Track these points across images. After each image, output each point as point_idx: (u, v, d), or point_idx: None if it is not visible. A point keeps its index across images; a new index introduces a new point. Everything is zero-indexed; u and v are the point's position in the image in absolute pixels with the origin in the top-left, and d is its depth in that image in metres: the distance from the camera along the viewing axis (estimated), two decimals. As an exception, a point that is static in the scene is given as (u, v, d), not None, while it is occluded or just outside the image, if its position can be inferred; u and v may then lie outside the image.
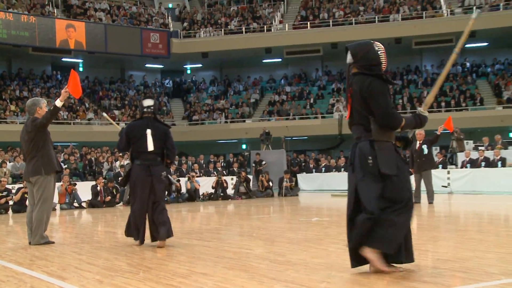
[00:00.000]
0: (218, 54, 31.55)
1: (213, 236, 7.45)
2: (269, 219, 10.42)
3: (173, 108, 32.89)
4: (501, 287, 3.76)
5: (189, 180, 18.06)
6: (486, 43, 30.39)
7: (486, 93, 28.86)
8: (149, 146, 6.46)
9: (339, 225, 8.49)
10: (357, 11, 30.73)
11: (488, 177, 16.85)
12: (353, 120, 4.43)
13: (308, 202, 16.32)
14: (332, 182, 21.83)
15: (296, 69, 34.11)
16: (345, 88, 4.51)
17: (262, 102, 32.40)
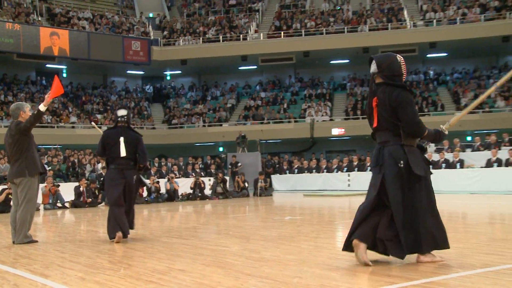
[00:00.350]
0: (197, 61, 31.45)
1: (191, 234, 7.41)
2: (245, 218, 10.41)
3: (154, 112, 32.66)
4: (460, 280, 3.81)
5: (168, 181, 17.95)
6: (446, 53, 30.93)
7: (446, 99, 29.33)
8: (122, 152, 6.83)
9: (311, 223, 8.52)
10: (328, 22, 30.94)
11: (448, 178, 17.09)
12: (381, 126, 4.54)
13: (282, 201, 16.34)
14: (304, 183, 21.93)
15: (270, 76, 34.18)
16: (369, 96, 4.68)
17: (238, 107, 32.39)
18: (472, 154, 18.60)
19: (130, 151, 6.89)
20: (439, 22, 28.81)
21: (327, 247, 5.70)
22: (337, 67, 33.35)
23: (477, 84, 29.25)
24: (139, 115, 30.83)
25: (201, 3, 35.94)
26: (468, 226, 7.47)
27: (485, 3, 29.25)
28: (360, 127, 27.72)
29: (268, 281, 3.98)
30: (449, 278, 3.88)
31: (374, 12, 31.05)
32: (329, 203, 13.99)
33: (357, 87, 31.21)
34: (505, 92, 27.58)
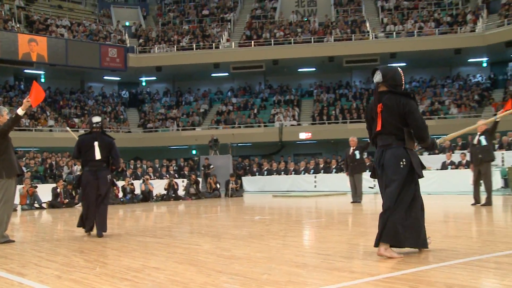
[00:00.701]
0: (171, 68, 31.25)
1: (165, 234, 7.34)
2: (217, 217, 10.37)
3: (129, 116, 32.29)
4: (417, 274, 3.87)
5: (143, 182, 17.76)
6: (405, 63, 31.46)
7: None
8: (96, 156, 7.21)
9: (279, 222, 8.54)
10: (295, 32, 31.14)
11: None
12: (384, 130, 4.74)
13: (252, 202, 16.35)
14: (273, 184, 21.99)
15: (241, 83, 34.20)
16: (374, 103, 4.82)
17: (210, 112, 32.29)
18: (429, 157, 18.93)
19: (103, 154, 7.26)
20: (398, 34, 29.33)
21: (295, 245, 5.72)
22: (304, 75, 33.59)
23: (433, 92, 29.88)
24: (115, 119, 30.44)
25: (176, 13, 35.74)
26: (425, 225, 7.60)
27: (439, 18, 29.97)
28: (326, 131, 27.98)
29: (239, 278, 3.97)
30: (407, 273, 3.94)
31: (339, 23, 31.39)
32: (297, 203, 14.07)
33: (323, 94, 31.48)
34: (458, 100, 28.25)
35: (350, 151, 12.80)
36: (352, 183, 12.74)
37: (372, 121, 4.87)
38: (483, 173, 10.41)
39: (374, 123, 4.80)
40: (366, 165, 14.61)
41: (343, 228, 7.17)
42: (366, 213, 10.19)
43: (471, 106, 27.67)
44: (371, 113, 4.85)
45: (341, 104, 30.01)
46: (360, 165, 12.83)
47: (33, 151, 22.06)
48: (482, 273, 3.94)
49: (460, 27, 28.55)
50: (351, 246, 5.43)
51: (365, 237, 6.25)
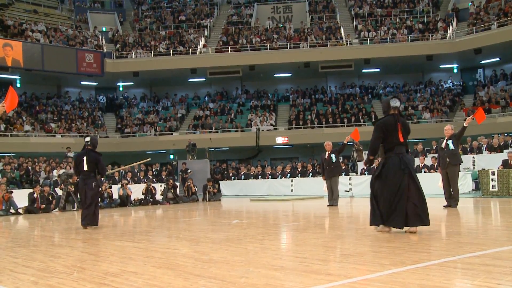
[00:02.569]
0: (148, 73, 31.04)
1: (143, 238, 7.28)
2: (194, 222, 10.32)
3: (107, 121, 31.94)
4: (392, 276, 3.92)
5: (121, 187, 17.57)
6: (378, 69, 31.87)
7: (379, 111, 30.14)
8: (84, 167, 9.42)
9: (257, 226, 8.54)
10: (271, 38, 31.27)
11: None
12: (404, 142, 6.57)
13: (229, 206, 16.32)
14: (250, 188, 21.98)
15: (218, 88, 34.17)
16: (394, 121, 6.56)
17: (188, 117, 32.16)
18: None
19: (90, 167, 9.39)
20: (372, 41, 29.70)
21: (272, 248, 5.73)
22: (280, 80, 33.74)
23: (406, 98, 30.29)
24: (92, 124, 30.06)
25: (152, 19, 35.54)
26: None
27: (411, 25, 30.45)
28: (302, 136, 28.11)
29: (217, 281, 3.96)
30: (382, 275, 3.98)
31: (314, 30, 31.64)
32: (274, 207, 14.09)
33: (299, 99, 31.65)
34: (430, 105, 28.71)
35: (326, 155, 12.86)
36: (329, 186, 12.80)
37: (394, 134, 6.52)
38: (450, 176, 10.58)
39: (397, 136, 6.50)
40: (342, 168, 14.70)
41: (320, 231, 7.21)
42: (342, 216, 10.26)
43: (443, 111, 28.18)
44: (394, 129, 6.52)
45: (317, 109, 30.22)
46: (336, 169, 12.89)
47: (9, 156, 21.62)
48: (454, 273, 4.00)
49: (431, 34, 29.08)
50: (327, 249, 5.46)
51: (341, 240, 6.28)
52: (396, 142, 6.48)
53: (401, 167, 6.35)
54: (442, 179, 10.80)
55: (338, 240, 6.26)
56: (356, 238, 6.28)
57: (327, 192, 12.92)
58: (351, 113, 29.08)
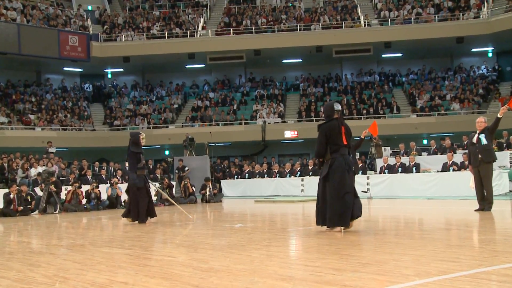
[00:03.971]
0: (140, 58, 31.08)
1: (135, 244, 7.29)
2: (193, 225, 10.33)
3: (93, 113, 32.03)
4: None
5: (111, 186, 17.61)
6: (400, 53, 31.73)
7: (402, 101, 30.10)
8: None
9: (262, 231, 8.54)
10: (279, 19, 31.21)
11: (404, 182, 17.52)
12: (347, 145, 7.73)
13: (232, 208, 16.32)
14: (255, 188, 22.00)
15: (219, 75, 34.16)
16: (337, 125, 7.70)
17: (185, 108, 32.19)
18: (428, 158, 19.13)
19: (128, 163, 11.54)
20: (393, 22, 29.56)
21: (279, 256, 5.72)
22: (289, 67, 33.68)
23: (432, 86, 30.18)
24: (77, 116, 30.12)
25: (145, -4, 35.57)
26: (424, 232, 7.67)
27: (439, 3, 30.25)
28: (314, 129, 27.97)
29: (218, 293, 3.95)
30: (405, 286, 3.96)
31: (328, 9, 31.57)
32: (282, 209, 14.07)
33: (310, 88, 31.61)
34: (460, 95, 28.56)
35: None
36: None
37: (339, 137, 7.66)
38: (483, 175, 10.52)
39: (341, 138, 7.64)
40: (358, 166, 14.70)
41: (334, 237, 7.19)
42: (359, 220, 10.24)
43: (475, 101, 28.02)
44: (339, 132, 7.65)
45: (331, 99, 30.15)
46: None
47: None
48: (488, 286, 3.98)
49: (462, 13, 28.89)
50: (342, 257, 5.45)
51: (358, 246, 6.27)
52: (340, 144, 7.66)
53: (345, 168, 7.57)
54: (474, 178, 10.74)
55: (354, 246, 6.25)
56: (375, 245, 6.26)
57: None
58: (369, 104, 29.02)
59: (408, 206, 13.58)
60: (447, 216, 10.78)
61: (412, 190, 17.14)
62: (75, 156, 25.47)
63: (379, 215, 11.37)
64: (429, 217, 10.62)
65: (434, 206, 13.13)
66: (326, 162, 7.75)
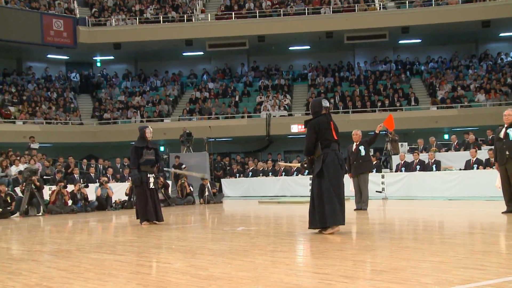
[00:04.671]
0: (132, 45, 31.07)
1: (127, 249, 7.30)
2: (190, 229, 10.35)
3: (81, 105, 32.08)
4: (438, 298, 3.89)
5: (100, 186, 17.63)
6: (420, 39, 31.63)
7: (421, 92, 30.04)
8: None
9: (267, 235, 8.54)
10: (286, 2, 31.16)
11: (423, 181, 17.48)
12: (337, 139, 8.01)
13: (233, 209, 16.33)
14: (259, 188, 22.01)
15: (219, 64, 34.14)
16: (326, 120, 8.01)
17: (182, 100, 32.20)
18: (449, 155, 19.09)
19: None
20: (411, 4, 29.46)
21: (286, 262, 5.72)
22: (296, 54, 33.63)
23: (455, 75, 30.09)
24: (63, 108, 30.15)
25: (138, -24, 35.53)
26: (445, 237, 7.65)
27: (463, -18, 30.12)
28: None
29: (218, 303, 3.95)
30: (425, 295, 3.95)
31: (339, -10, 31.48)
32: (289, 211, 14.07)
33: (319, 77, 31.58)
34: (486, 85, 28.45)
35: (353, 147, 12.83)
36: (356, 186, 12.78)
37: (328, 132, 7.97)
38: (510, 174, 10.46)
39: (331, 134, 7.96)
40: (372, 163, 14.66)
41: (345, 241, 7.19)
42: (373, 222, 10.23)
43: (502, 92, 27.94)
44: (328, 127, 7.96)
45: (342, 89, 30.13)
46: (366, 164, 12.86)
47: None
48: (515, 295, 3.97)
49: (488, -6, 28.73)
50: (355, 264, 5.45)
51: (372, 252, 6.26)
52: (331, 140, 7.97)
53: (338, 163, 7.90)
54: (501, 177, 10.70)
55: (368, 252, 6.25)
56: (391, 250, 6.25)
57: (354, 193, 12.91)
58: (384, 95, 28.98)
59: (428, 207, 13.56)
60: (471, 219, 10.76)
61: (431, 190, 17.10)
62: (61, 152, 25.48)
63: (395, 218, 11.36)
64: (450, 220, 10.61)
65: (456, 207, 13.11)
66: (317, 159, 7.97)
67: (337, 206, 7.70)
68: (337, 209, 7.71)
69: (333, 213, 7.70)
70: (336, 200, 7.72)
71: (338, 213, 7.73)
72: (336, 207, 7.70)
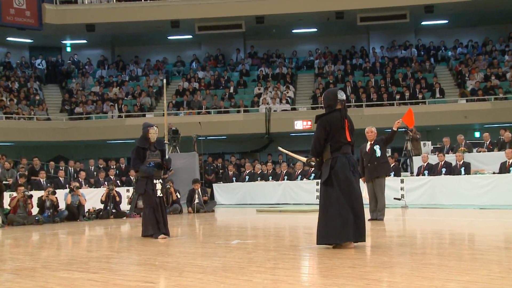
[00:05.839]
0: (109, 27, 31.04)
1: (102, 266, 7.30)
2: (177, 242, 10.35)
3: (48, 97, 32.07)
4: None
5: (71, 193, 17.60)
6: (445, 20, 31.61)
7: (447, 82, 30.05)
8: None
9: (267, 249, 8.55)
10: (289, -24, 31.15)
11: (449, 187, 17.46)
12: (351, 142, 7.99)
13: (227, 219, 16.35)
14: (257, 194, 22.00)
15: (211, 49, 34.16)
16: (341, 117, 7.93)
17: (167, 91, 32.16)
18: (481, 156, 19.06)
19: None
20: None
21: (288, 281, 5.73)
22: (301, 38, 33.65)
23: (488, 62, 30.06)
24: (26, 100, 30.11)
25: None
26: (477, 252, 7.66)
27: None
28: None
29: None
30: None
31: (351, -37, 31.48)
32: (292, 221, 14.09)
33: (328, 65, 31.59)
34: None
35: (367, 147, 12.83)
36: (371, 192, 12.78)
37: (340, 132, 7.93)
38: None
39: (343, 134, 7.89)
40: (390, 166, 14.67)
41: (358, 257, 7.20)
42: (391, 235, 10.24)
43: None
44: (341, 126, 7.89)
45: (354, 79, 30.14)
46: (382, 166, 12.85)
47: None
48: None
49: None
50: (369, 283, 5.46)
51: (389, 269, 6.28)
52: (343, 142, 7.92)
53: (350, 169, 7.86)
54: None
55: (385, 269, 6.26)
56: (412, 268, 6.26)
57: (368, 200, 12.90)
58: (404, 86, 28.97)
59: (455, 217, 13.57)
60: (507, 231, 10.77)
61: (459, 197, 17.10)
62: (24, 153, 25.51)
63: (417, 229, 11.36)
64: (482, 232, 10.62)
65: (489, 218, 13.12)
66: (325, 163, 7.97)
67: (349, 219, 7.66)
68: (349, 223, 7.66)
69: (344, 227, 7.65)
70: (349, 211, 7.67)
71: (351, 228, 7.67)
72: (348, 220, 7.65)
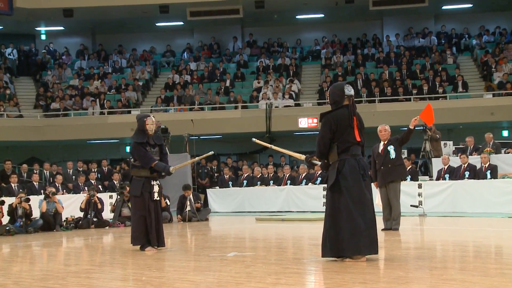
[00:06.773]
0: (89, 12, 31.03)
1: (81, 282, 7.31)
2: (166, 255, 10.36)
3: (20, 91, 32.07)
4: None
5: (46, 199, 17.59)
6: (470, 4, 31.61)
7: (471, 74, 30.03)
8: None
9: (267, 262, 8.56)
10: (293, -45, 31.20)
11: (474, 193, 17.43)
12: (361, 142, 8.02)
13: (223, 229, 16.35)
14: (257, 201, 21.97)
15: (205, 38, 34.17)
16: (350, 114, 7.90)
17: (155, 85, 32.23)
18: (509, 158, 19.06)
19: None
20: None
21: (292, 299, 5.74)
22: (306, 25, 33.68)
23: (516, 53, 30.07)
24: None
25: None
26: (504, 267, 7.68)
27: None
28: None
29: None
30: None
31: None
32: (295, 231, 14.11)
33: (336, 56, 31.58)
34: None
35: (380, 147, 12.82)
36: (385, 198, 12.78)
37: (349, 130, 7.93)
38: None
39: (352, 133, 7.89)
40: (406, 169, 14.64)
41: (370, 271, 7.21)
42: (407, 247, 10.25)
43: None
44: (349, 124, 7.89)
45: (366, 71, 30.13)
46: (397, 169, 12.83)
47: None
48: None
49: None
50: (383, 300, 5.47)
51: (405, 285, 6.29)
52: (352, 142, 7.93)
53: (360, 172, 7.88)
54: None
55: (400, 285, 6.27)
56: (431, 283, 6.28)
57: (381, 208, 12.90)
58: (422, 79, 28.96)
59: (480, 227, 13.57)
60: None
61: (485, 204, 17.07)
62: (-6, 154, 25.53)
63: (437, 240, 11.38)
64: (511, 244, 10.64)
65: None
66: (332, 166, 7.99)
67: (359, 229, 7.67)
68: (359, 233, 7.68)
69: (353, 238, 7.68)
70: (359, 220, 7.68)
71: (362, 239, 7.69)
72: (358, 231, 7.67)
